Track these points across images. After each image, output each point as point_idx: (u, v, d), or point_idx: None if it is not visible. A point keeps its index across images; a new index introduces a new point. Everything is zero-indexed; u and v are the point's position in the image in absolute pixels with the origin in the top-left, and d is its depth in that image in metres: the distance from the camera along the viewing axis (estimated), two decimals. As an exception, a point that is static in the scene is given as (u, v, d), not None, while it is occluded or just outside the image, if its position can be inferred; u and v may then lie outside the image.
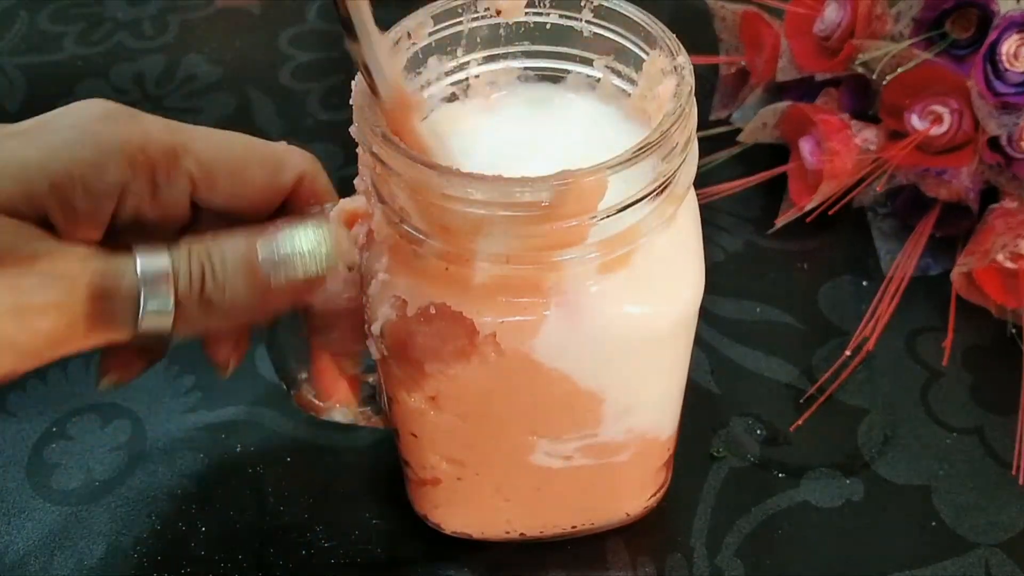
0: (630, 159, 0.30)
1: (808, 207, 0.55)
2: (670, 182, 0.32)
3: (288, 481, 0.46)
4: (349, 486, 0.46)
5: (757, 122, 0.59)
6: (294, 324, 0.37)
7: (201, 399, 0.48)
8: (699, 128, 0.34)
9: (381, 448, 0.40)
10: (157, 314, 0.31)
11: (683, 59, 0.33)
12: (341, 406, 0.41)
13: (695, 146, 0.33)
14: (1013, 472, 0.47)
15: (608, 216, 0.30)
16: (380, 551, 0.44)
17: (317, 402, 0.42)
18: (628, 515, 0.44)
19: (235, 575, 0.43)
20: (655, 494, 0.44)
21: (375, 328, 0.34)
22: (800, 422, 0.48)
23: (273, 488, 0.46)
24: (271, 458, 0.46)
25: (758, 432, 0.48)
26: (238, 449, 0.47)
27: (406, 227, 0.32)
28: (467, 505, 0.42)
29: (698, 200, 0.36)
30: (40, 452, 0.48)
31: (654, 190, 0.31)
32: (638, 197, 0.31)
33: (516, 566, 0.43)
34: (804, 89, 0.59)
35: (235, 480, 0.46)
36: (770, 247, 0.57)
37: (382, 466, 0.41)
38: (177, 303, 0.32)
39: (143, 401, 0.49)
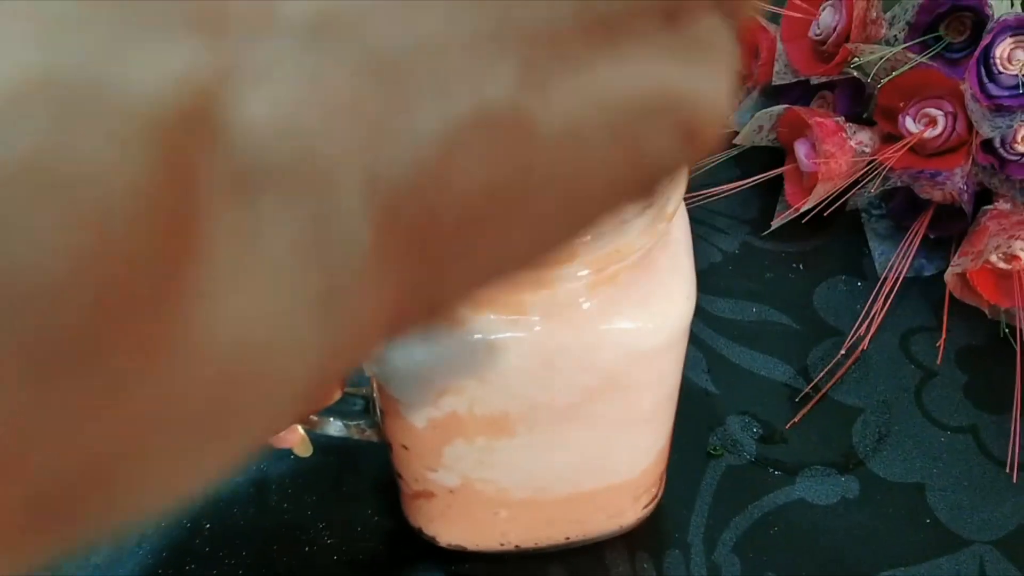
0: None
1: (804, 209, 0.56)
2: (660, 199, 0.32)
3: (291, 479, 0.46)
4: (352, 484, 0.46)
5: (753, 125, 0.59)
6: None
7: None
8: None
9: (385, 447, 0.40)
10: None
11: None
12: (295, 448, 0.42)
13: None
14: (1007, 470, 0.47)
15: (599, 235, 0.30)
16: (383, 549, 0.44)
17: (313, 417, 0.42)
18: (622, 527, 0.44)
19: (238, 572, 0.43)
20: (648, 505, 0.44)
21: None
22: (796, 420, 0.49)
23: (276, 486, 0.46)
24: (275, 455, 0.47)
25: (754, 430, 0.49)
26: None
27: None
28: (460, 518, 0.42)
29: (695, 201, 0.36)
30: (46, 451, 0.48)
31: (644, 208, 0.31)
32: (628, 215, 0.31)
33: (516, 562, 0.44)
34: (800, 92, 0.59)
35: (238, 478, 0.46)
36: (766, 248, 0.57)
37: (385, 464, 0.41)
38: None
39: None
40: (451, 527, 0.43)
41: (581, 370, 0.34)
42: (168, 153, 0.11)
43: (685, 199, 0.35)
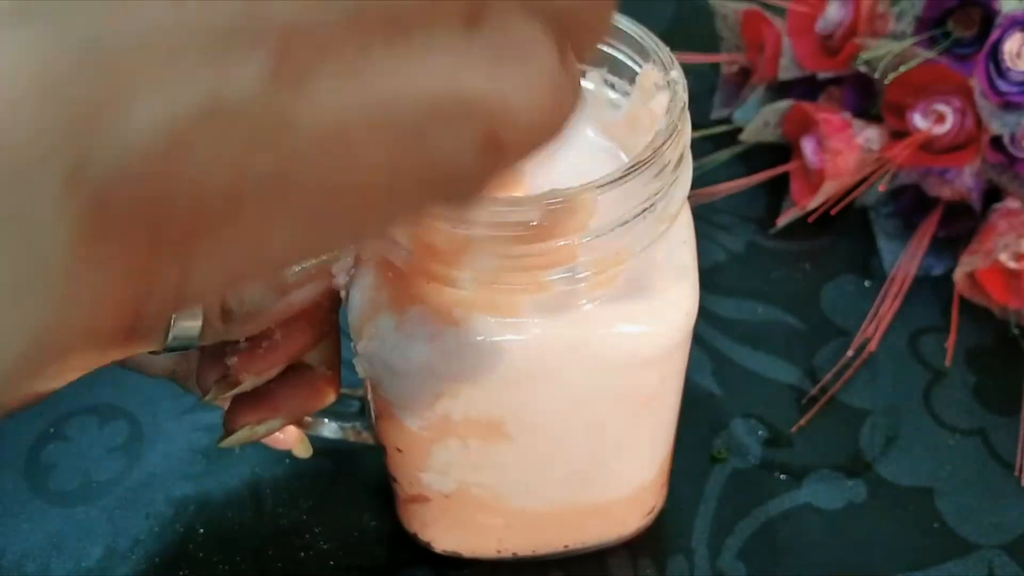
0: (621, 178, 0.29)
1: (810, 207, 0.55)
2: (662, 200, 0.31)
3: (286, 483, 0.46)
4: (348, 488, 0.46)
5: (759, 121, 0.59)
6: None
7: (198, 400, 0.49)
8: (700, 127, 0.33)
9: (380, 450, 0.40)
10: (185, 328, 0.32)
11: (676, 73, 0.33)
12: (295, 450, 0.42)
13: (689, 162, 0.33)
14: (1016, 473, 0.47)
15: (598, 236, 0.30)
16: (379, 554, 0.44)
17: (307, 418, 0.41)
18: (622, 535, 0.43)
19: (233, 577, 0.43)
20: (650, 513, 0.44)
21: (361, 347, 0.34)
22: (802, 423, 0.49)
23: (271, 490, 0.46)
24: (269, 459, 0.46)
25: (760, 433, 0.48)
26: (236, 450, 0.47)
27: (392, 246, 0.31)
28: (456, 524, 0.42)
29: (699, 199, 0.36)
30: (37, 453, 0.48)
31: (645, 208, 0.31)
32: (629, 216, 0.30)
33: (514, 569, 0.43)
34: (806, 88, 0.59)
35: (233, 482, 0.46)
36: (772, 247, 0.57)
37: (381, 467, 0.41)
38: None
39: (141, 402, 0.49)
40: (446, 533, 0.42)
41: (581, 374, 0.34)
42: None
43: (689, 197, 0.34)
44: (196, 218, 0.14)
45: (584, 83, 0.37)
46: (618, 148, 0.37)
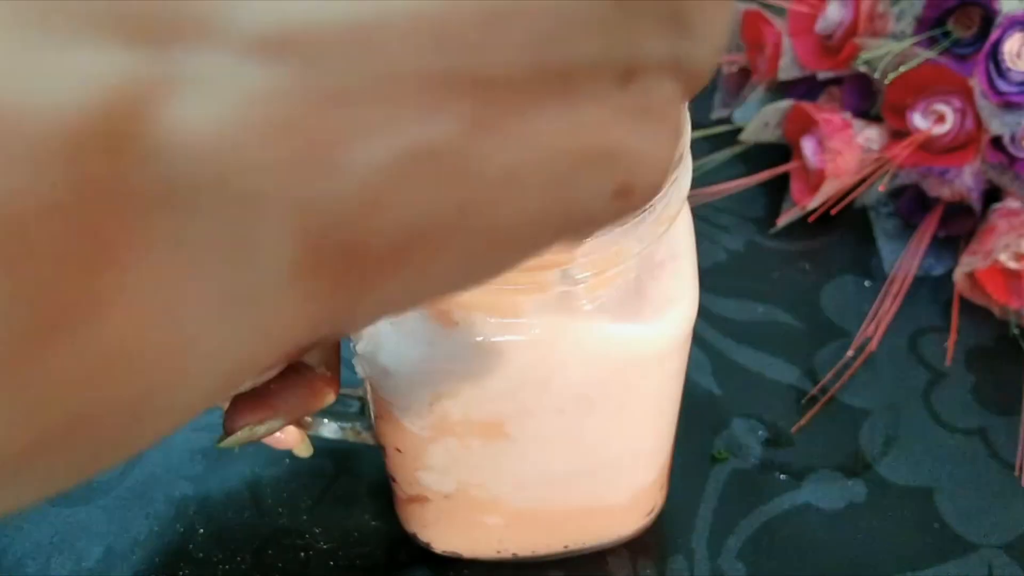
0: None
1: (810, 207, 0.55)
2: (661, 201, 0.31)
3: (286, 483, 0.46)
4: (348, 488, 0.46)
5: (759, 121, 0.59)
6: None
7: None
8: (700, 127, 0.33)
9: (380, 450, 0.40)
10: None
11: None
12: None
13: (688, 163, 0.33)
14: (1016, 473, 0.47)
15: (598, 236, 0.30)
16: (379, 554, 0.44)
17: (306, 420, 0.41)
18: (622, 536, 0.43)
19: (233, 577, 0.43)
20: (650, 513, 0.44)
21: (360, 347, 0.34)
22: (802, 423, 0.48)
23: (271, 490, 0.46)
24: (269, 459, 0.46)
25: (760, 433, 0.48)
26: (236, 450, 0.46)
27: None
28: (455, 525, 0.41)
29: (699, 199, 0.36)
30: (37, 453, 0.47)
31: (645, 209, 0.31)
32: (629, 217, 0.30)
33: (514, 569, 0.43)
34: (806, 88, 0.59)
35: (233, 481, 0.46)
36: (772, 247, 0.57)
37: (381, 468, 0.41)
38: None
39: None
40: (446, 533, 0.42)
41: (580, 375, 0.34)
42: (86, 169, 0.12)
43: (689, 197, 0.34)
44: (384, 255, 0.14)
45: None
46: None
